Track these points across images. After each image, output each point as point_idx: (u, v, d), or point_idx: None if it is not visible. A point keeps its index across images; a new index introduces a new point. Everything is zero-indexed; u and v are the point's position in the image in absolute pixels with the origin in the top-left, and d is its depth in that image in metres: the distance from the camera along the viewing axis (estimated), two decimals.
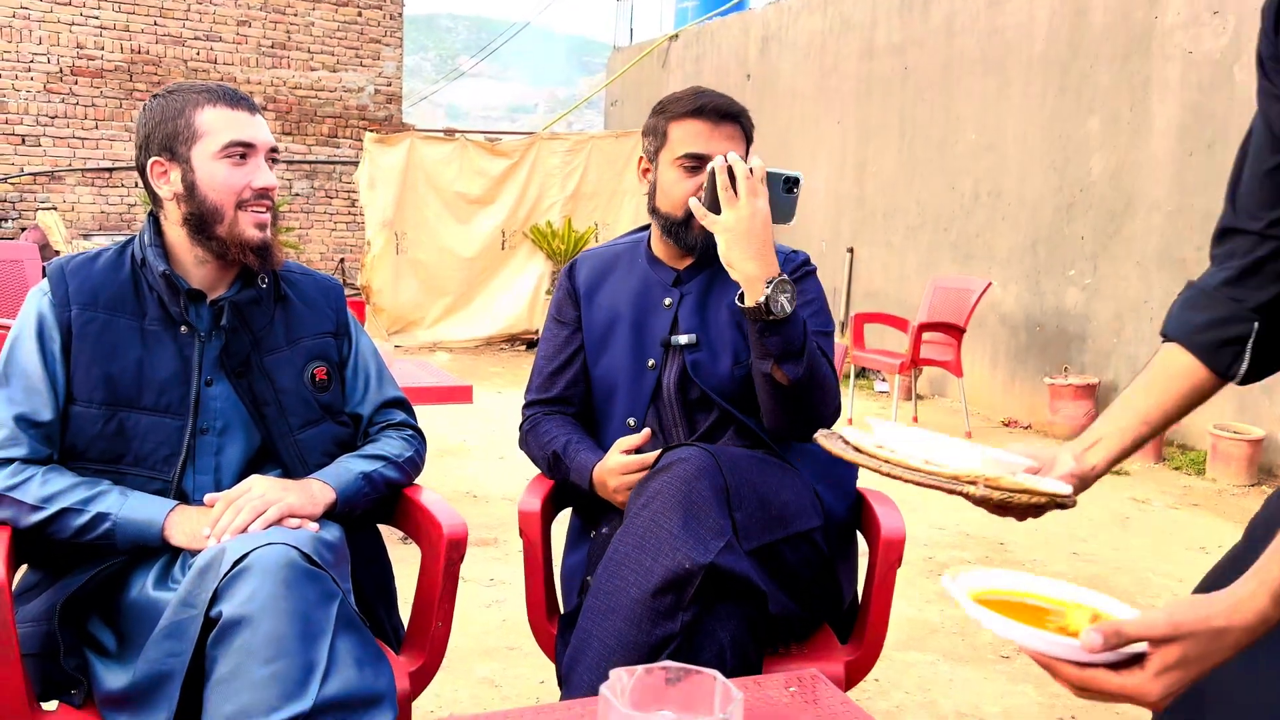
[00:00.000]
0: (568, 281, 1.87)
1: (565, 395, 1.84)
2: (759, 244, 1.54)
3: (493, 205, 8.56)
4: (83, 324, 1.51)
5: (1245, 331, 1.11)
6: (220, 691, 1.25)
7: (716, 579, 1.44)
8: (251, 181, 1.54)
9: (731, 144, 1.70)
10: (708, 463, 1.51)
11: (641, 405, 1.75)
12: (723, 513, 1.48)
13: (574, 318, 1.84)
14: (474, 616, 2.90)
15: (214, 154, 1.52)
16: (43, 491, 1.44)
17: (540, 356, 1.87)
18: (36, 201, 10.01)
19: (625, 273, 1.82)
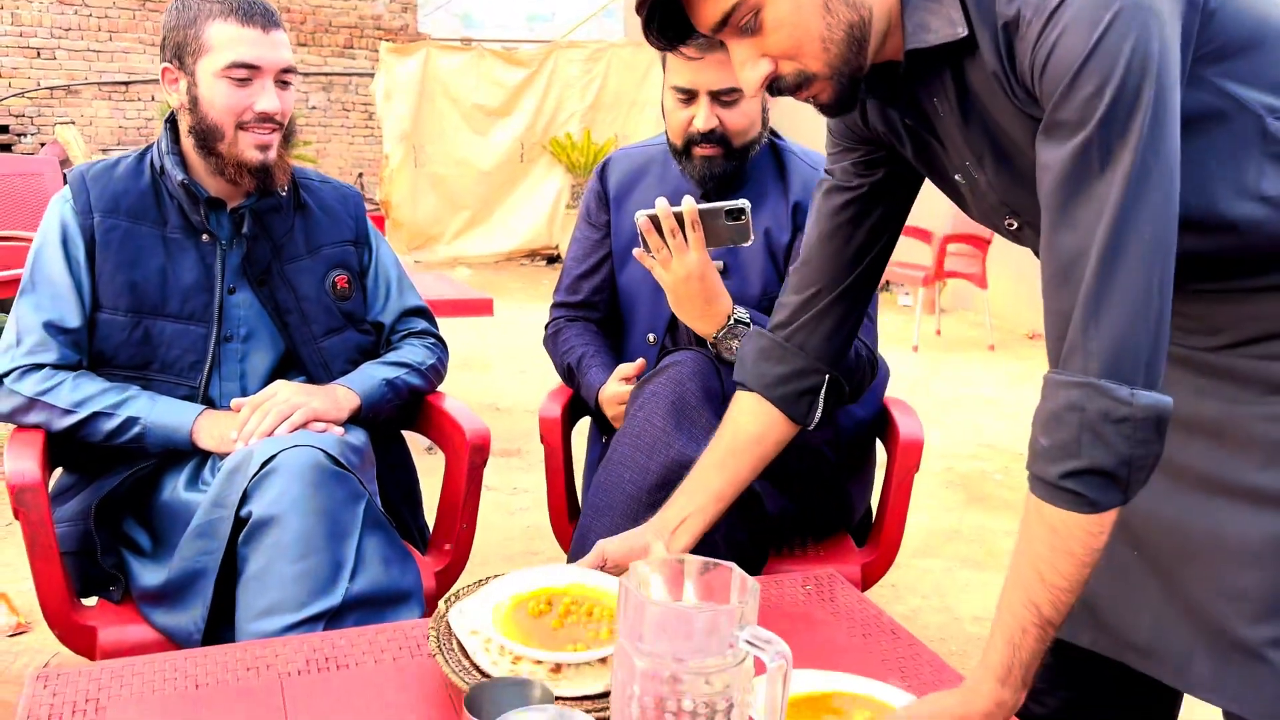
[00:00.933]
0: (598, 183, 1.82)
1: (591, 301, 1.83)
2: (700, 302, 1.50)
3: (510, 117, 8.44)
4: (105, 231, 1.52)
5: (818, 383, 1.24)
6: (252, 588, 1.30)
7: None
8: (254, 104, 1.51)
9: (725, 73, 1.55)
10: (703, 365, 1.52)
11: (661, 322, 1.74)
12: (715, 412, 1.48)
13: (604, 222, 1.80)
14: (497, 523, 2.97)
15: (216, 72, 1.49)
16: (74, 396, 1.47)
17: (570, 257, 1.86)
18: (55, 116, 9.96)
19: (657, 179, 1.77)
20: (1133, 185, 0.83)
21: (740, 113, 1.61)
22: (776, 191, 1.71)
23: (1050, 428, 0.87)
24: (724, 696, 0.81)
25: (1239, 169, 0.93)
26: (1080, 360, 0.85)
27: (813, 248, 1.22)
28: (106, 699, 1.02)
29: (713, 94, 1.58)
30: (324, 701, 1.03)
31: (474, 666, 1.01)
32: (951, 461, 3.75)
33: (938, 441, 3.97)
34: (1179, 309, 1.02)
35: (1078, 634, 1.16)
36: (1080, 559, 0.87)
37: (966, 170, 1.04)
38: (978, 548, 2.97)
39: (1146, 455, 0.85)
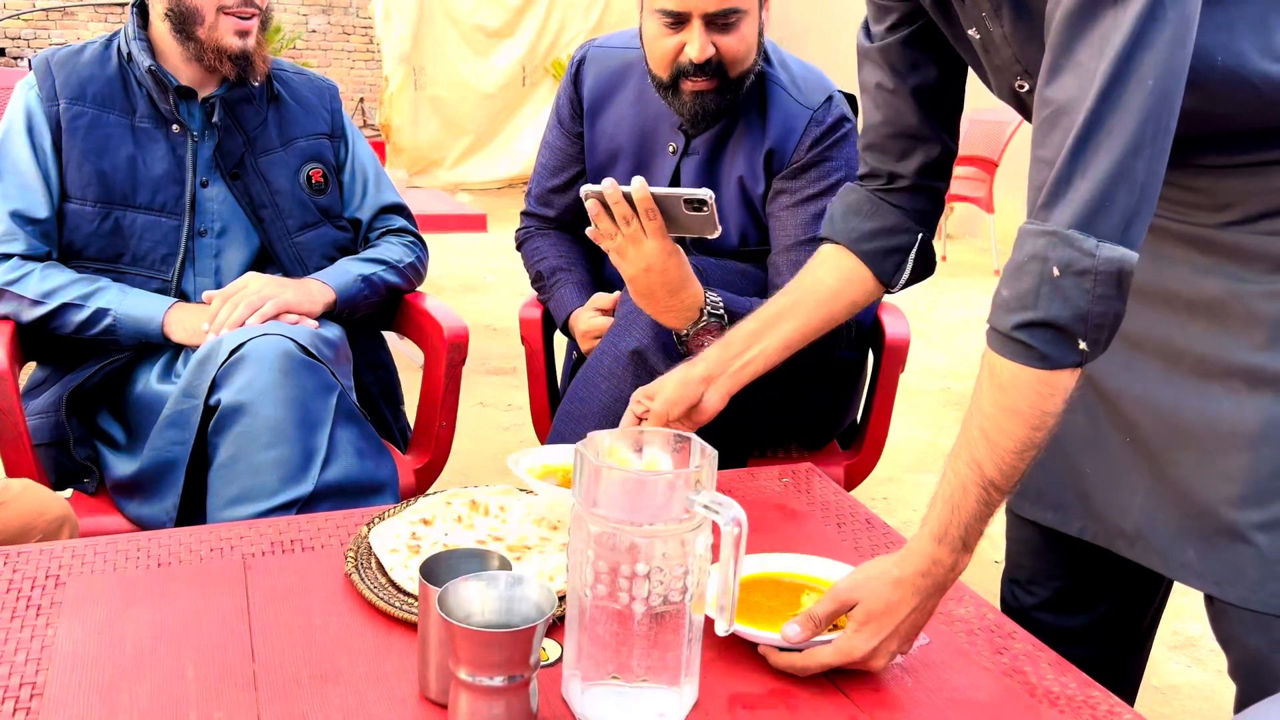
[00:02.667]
0: (572, 86, 1.66)
1: (562, 217, 1.73)
2: (664, 296, 1.31)
3: (512, 38, 8.28)
4: (71, 118, 1.48)
5: (909, 242, 1.17)
6: (222, 476, 1.28)
7: None
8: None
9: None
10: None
11: None
12: None
13: (577, 133, 1.66)
14: (492, 437, 2.97)
15: None
16: (42, 286, 1.44)
17: (541, 162, 1.73)
18: (50, 39, 9.81)
19: (634, 94, 1.60)
20: (1142, 26, 0.78)
21: (739, 38, 1.42)
22: (754, 135, 1.54)
23: (1012, 278, 0.84)
24: (679, 561, 0.79)
25: (1268, 31, 0.88)
26: (1057, 210, 0.81)
27: (875, 107, 1.15)
28: (67, 575, 1.02)
29: (708, 16, 1.39)
30: (285, 580, 1.02)
31: (391, 583, 0.99)
32: (951, 381, 3.73)
33: (940, 363, 3.94)
34: (1186, 183, 0.99)
35: (1068, 522, 1.15)
36: (1028, 419, 0.83)
37: (983, 22, 0.99)
38: None
39: (1105, 313, 0.81)
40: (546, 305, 1.71)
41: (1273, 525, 0.96)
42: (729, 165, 1.55)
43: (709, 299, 1.36)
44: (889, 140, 1.16)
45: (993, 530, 0.93)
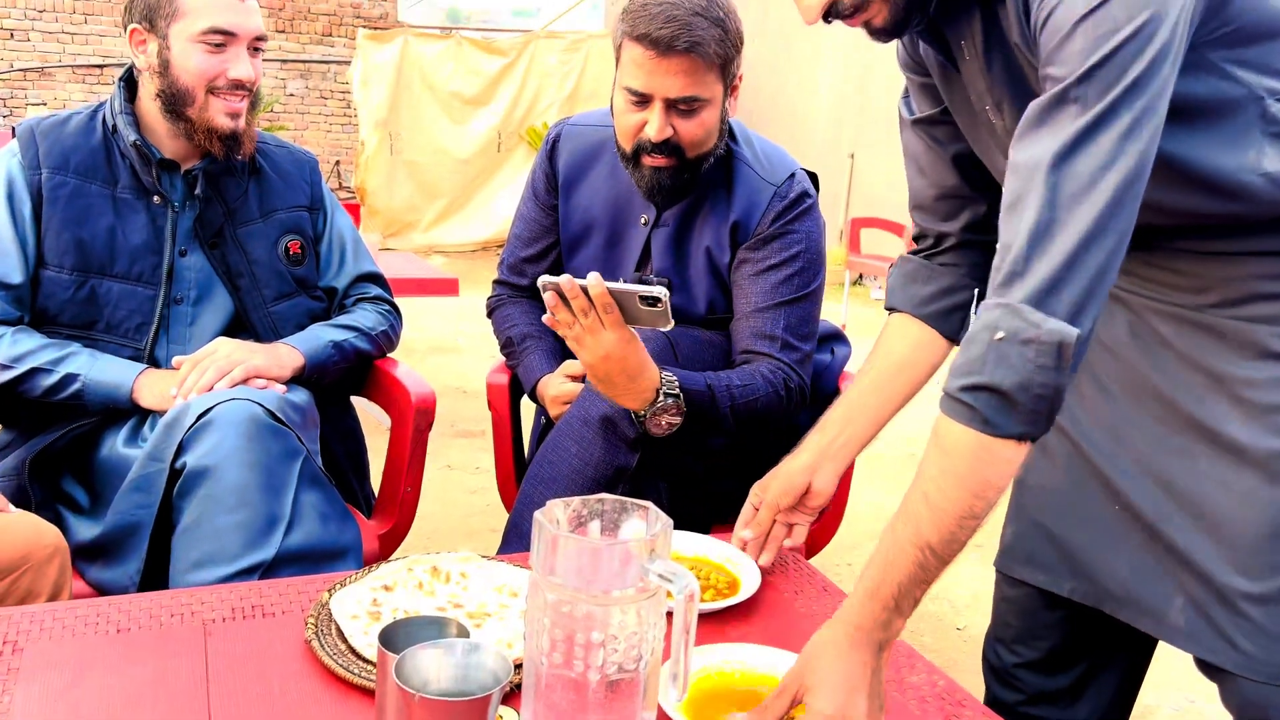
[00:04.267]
0: (547, 162, 1.70)
1: (534, 286, 1.76)
2: (623, 383, 1.36)
3: (488, 106, 8.43)
4: (53, 187, 1.50)
5: (968, 298, 1.23)
6: (186, 540, 1.29)
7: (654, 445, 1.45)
8: (227, 70, 1.50)
9: (681, 81, 1.42)
10: (661, 344, 1.49)
11: None
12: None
13: (551, 205, 1.70)
14: (459, 500, 2.96)
15: (192, 36, 1.48)
16: (12, 351, 1.45)
17: (515, 233, 1.76)
18: (27, 100, 9.85)
19: (608, 170, 1.65)
20: (1099, 126, 0.84)
21: (699, 123, 1.47)
22: (721, 209, 1.59)
23: (965, 345, 0.88)
24: (634, 630, 0.81)
25: (1241, 149, 0.94)
26: (1013, 289, 0.86)
27: (919, 173, 1.22)
28: (25, 641, 1.02)
29: (669, 101, 1.44)
30: (245, 646, 1.02)
31: (351, 650, 1.00)
32: (916, 447, 3.77)
33: (902, 429, 3.98)
34: (1167, 265, 1.05)
35: (1059, 582, 1.19)
36: (969, 484, 0.87)
37: (987, 114, 1.05)
38: None
39: (1046, 384, 0.85)
40: (515, 371, 1.74)
41: (1269, 598, 1.00)
42: (697, 236, 1.61)
43: (665, 379, 1.40)
44: (935, 202, 1.22)
45: (952, 595, 0.96)
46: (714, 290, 1.63)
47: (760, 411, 1.52)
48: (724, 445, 1.60)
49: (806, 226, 1.60)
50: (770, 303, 1.57)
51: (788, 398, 1.55)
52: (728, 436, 1.55)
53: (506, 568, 1.18)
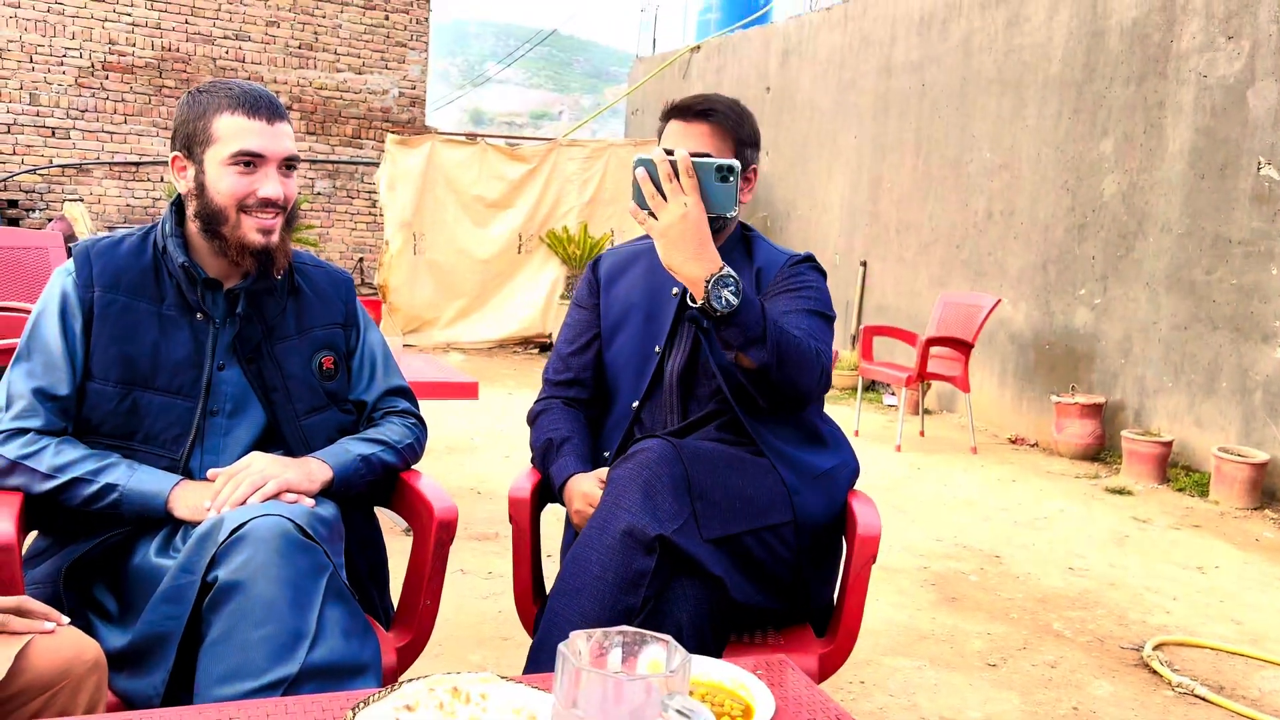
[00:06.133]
0: (591, 273, 1.97)
1: (579, 378, 1.92)
2: (694, 245, 1.55)
3: (510, 209, 8.66)
4: (104, 305, 1.58)
5: None
6: (212, 653, 1.32)
7: (675, 560, 1.51)
8: (256, 190, 1.59)
9: (702, 141, 1.74)
10: (669, 452, 1.58)
11: (643, 389, 1.83)
12: (682, 500, 1.54)
13: (593, 305, 1.93)
14: (471, 606, 2.97)
15: (223, 160, 1.57)
16: (55, 461, 1.51)
17: (560, 339, 1.97)
18: (64, 193, 10.18)
19: (644, 268, 1.90)
20: None
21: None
22: (744, 267, 1.84)
23: None
24: None
25: None
26: None
27: None
28: None
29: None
30: None
31: None
32: (927, 561, 3.77)
33: (915, 541, 3.99)
34: None
35: None
36: None
37: None
38: (948, 648, 2.97)
39: None
40: (546, 472, 1.83)
41: None
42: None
43: (726, 267, 1.57)
44: None
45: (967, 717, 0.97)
46: None
47: (794, 352, 1.64)
48: (742, 554, 1.64)
49: (817, 276, 1.85)
50: (790, 309, 1.75)
51: (818, 367, 1.67)
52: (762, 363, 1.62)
53: (527, 690, 1.20)
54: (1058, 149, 6.11)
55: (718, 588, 1.56)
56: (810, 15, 8.81)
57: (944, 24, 7.10)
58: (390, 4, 11.37)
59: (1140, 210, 5.57)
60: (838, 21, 8.30)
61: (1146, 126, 5.54)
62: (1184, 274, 5.30)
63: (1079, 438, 5.64)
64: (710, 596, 1.54)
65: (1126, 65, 5.68)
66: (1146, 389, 5.51)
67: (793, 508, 1.68)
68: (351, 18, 11.19)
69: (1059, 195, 6.10)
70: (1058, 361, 6.08)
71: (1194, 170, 5.26)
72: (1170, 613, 3.37)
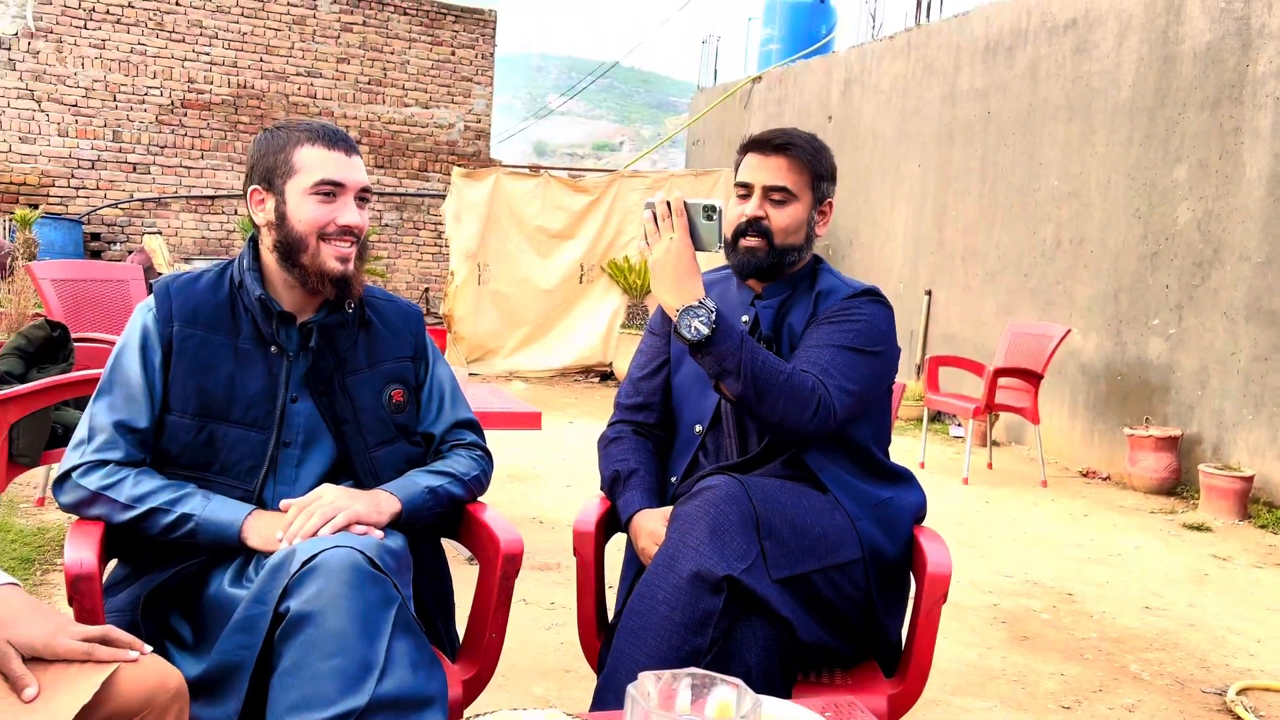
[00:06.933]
0: None
1: (648, 402, 1.96)
2: (672, 276, 1.67)
3: (573, 240, 8.74)
4: (182, 340, 1.63)
5: None
6: (284, 683, 1.34)
7: (743, 600, 1.49)
8: (336, 218, 1.63)
9: (776, 174, 1.81)
10: (736, 490, 1.56)
11: (707, 414, 1.84)
12: (750, 539, 1.52)
13: (666, 331, 1.97)
14: (533, 638, 2.97)
15: (305, 190, 1.62)
16: (134, 491, 1.56)
17: (633, 365, 2.01)
18: (143, 226, 10.55)
19: (717, 296, 1.91)
20: None
21: (788, 214, 1.82)
22: (805, 297, 1.87)
23: None
24: None
25: None
26: None
27: None
28: None
29: (766, 189, 1.81)
30: None
31: None
32: (997, 598, 3.67)
33: (983, 576, 3.90)
34: None
35: None
36: None
37: None
38: (1020, 689, 2.88)
39: None
40: (614, 502, 1.85)
41: None
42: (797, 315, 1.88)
43: (706, 301, 1.66)
44: None
45: None
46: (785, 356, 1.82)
47: (776, 386, 1.64)
48: (811, 594, 1.62)
49: (871, 310, 1.83)
50: (819, 343, 1.75)
51: (813, 404, 1.66)
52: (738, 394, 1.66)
53: None
54: (1129, 176, 5.98)
55: (786, 628, 1.54)
56: (872, 44, 8.79)
57: (1009, 51, 7.02)
58: (456, 40, 11.62)
59: (1217, 238, 5.42)
60: (900, 50, 8.26)
61: (1222, 152, 5.40)
62: (1264, 303, 5.14)
63: (1154, 471, 5.47)
64: (778, 637, 1.52)
65: (1200, 90, 5.55)
66: (1225, 422, 5.33)
67: (861, 544, 1.65)
68: (419, 54, 11.46)
69: (1130, 223, 5.97)
70: (1130, 393, 5.92)
71: (1273, 196, 5.11)
72: (1254, 656, 3.24)
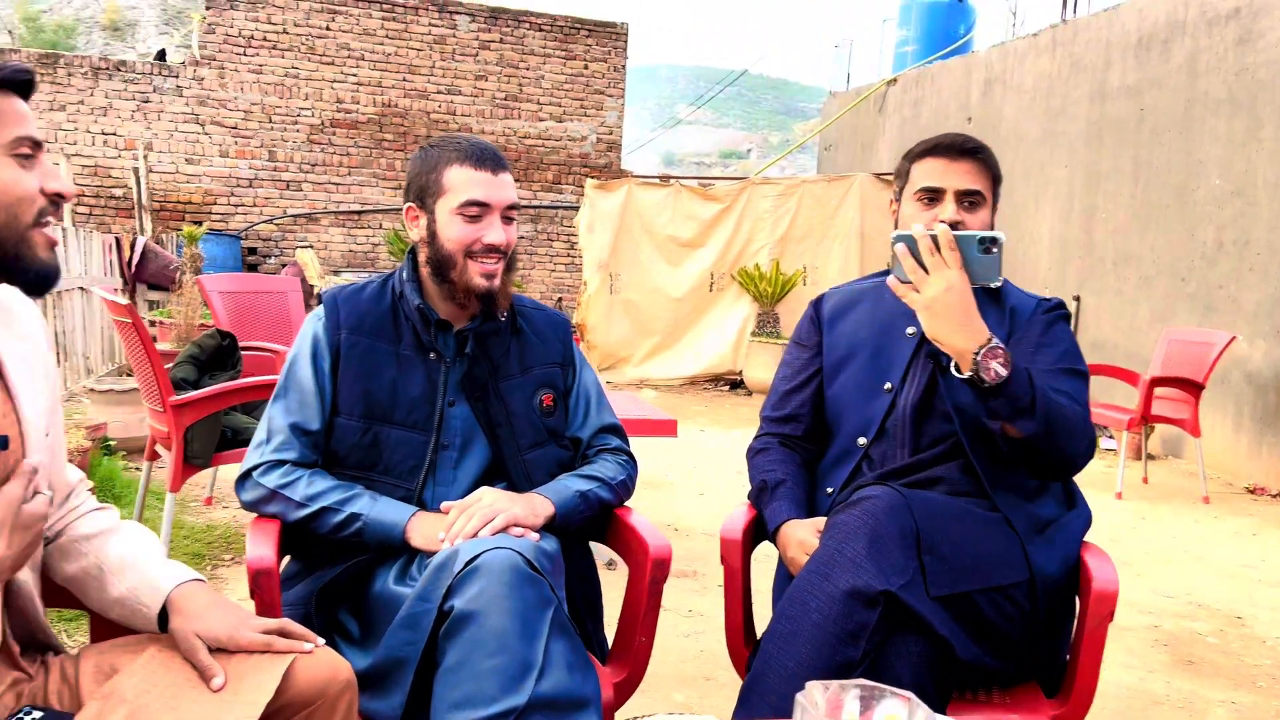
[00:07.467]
0: (814, 310, 1.98)
1: (795, 414, 1.93)
2: (960, 317, 1.55)
3: (703, 248, 8.76)
4: (349, 346, 1.71)
5: None
6: (447, 680, 1.39)
7: (899, 615, 1.45)
8: (482, 237, 1.68)
9: (969, 178, 1.75)
10: (897, 501, 1.53)
11: (872, 426, 1.80)
12: (909, 554, 1.48)
13: (815, 343, 1.94)
14: (672, 645, 2.98)
15: (453, 209, 1.68)
16: (308, 491, 1.64)
17: (779, 377, 1.98)
18: (295, 240, 11.13)
19: (871, 306, 1.90)
20: None
21: (979, 219, 1.76)
22: (992, 310, 1.79)
23: None
24: None
25: None
26: None
27: None
28: None
29: (959, 194, 1.75)
30: None
31: None
32: (1158, 619, 3.48)
33: (1143, 596, 3.70)
34: None
35: None
36: None
37: None
38: (1186, 716, 2.72)
39: None
40: (761, 512, 1.84)
41: None
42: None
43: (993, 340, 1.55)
44: None
45: None
46: None
47: (1062, 420, 1.59)
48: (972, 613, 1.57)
49: (1065, 328, 1.80)
50: (1049, 367, 1.71)
51: (1087, 436, 1.62)
52: (1030, 434, 1.59)
53: None
54: None
55: (943, 647, 1.50)
56: (1015, 42, 8.50)
57: (1165, 44, 6.67)
58: (589, 54, 11.83)
59: None
60: (1045, 47, 7.96)
61: None
62: None
63: None
64: (934, 654, 1.48)
65: None
66: None
67: (1028, 566, 1.59)
68: (553, 69, 11.72)
69: None
70: None
71: None
72: None
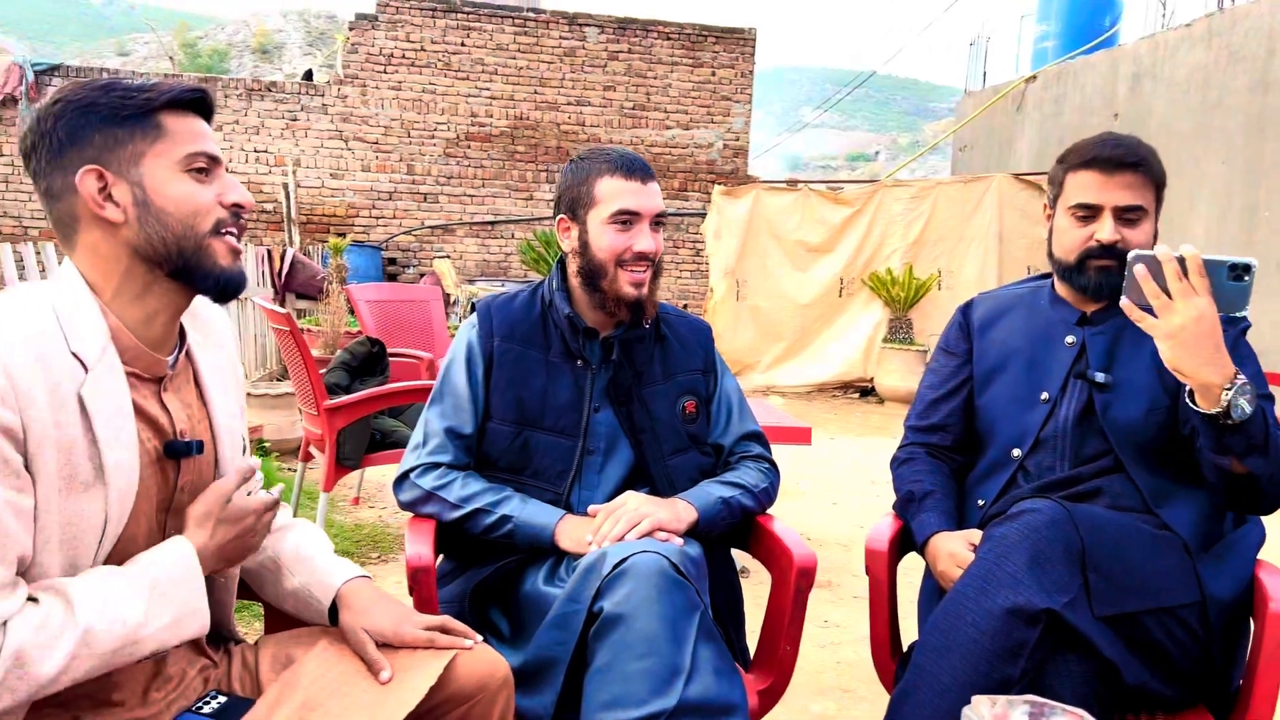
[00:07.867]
0: (962, 317, 1.93)
1: (943, 424, 1.89)
2: (1210, 349, 1.43)
3: (832, 253, 8.63)
4: (502, 353, 1.77)
5: None
6: (597, 681, 1.42)
7: (1061, 634, 1.40)
8: (633, 245, 1.72)
9: (1128, 193, 1.68)
10: (1059, 515, 1.47)
11: (1029, 438, 1.74)
12: (1072, 570, 1.43)
13: (965, 350, 1.89)
14: (809, 655, 2.95)
15: (604, 220, 1.72)
16: (462, 493, 1.71)
17: (925, 385, 1.94)
18: (433, 251, 11.52)
19: (1024, 313, 1.85)
20: None
21: (1142, 232, 1.69)
22: None
23: None
24: None
25: None
26: None
27: None
28: None
29: (1117, 210, 1.68)
30: None
31: None
32: None
33: None
34: None
35: None
36: None
37: None
38: None
39: None
40: (908, 523, 1.81)
41: None
42: (1134, 342, 1.71)
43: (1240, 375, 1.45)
44: None
45: None
46: (1156, 388, 1.68)
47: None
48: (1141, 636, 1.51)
49: (1249, 348, 1.73)
50: None
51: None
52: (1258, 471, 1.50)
53: None
54: None
55: (1108, 669, 1.44)
56: (1165, 34, 8.09)
57: None
58: (717, 60, 11.85)
59: None
60: (1200, 38, 7.55)
61: None
62: None
63: None
64: (1097, 676, 1.42)
65: None
66: None
67: (1199, 586, 1.51)
68: (681, 77, 11.78)
69: None
70: None
71: None
72: None
